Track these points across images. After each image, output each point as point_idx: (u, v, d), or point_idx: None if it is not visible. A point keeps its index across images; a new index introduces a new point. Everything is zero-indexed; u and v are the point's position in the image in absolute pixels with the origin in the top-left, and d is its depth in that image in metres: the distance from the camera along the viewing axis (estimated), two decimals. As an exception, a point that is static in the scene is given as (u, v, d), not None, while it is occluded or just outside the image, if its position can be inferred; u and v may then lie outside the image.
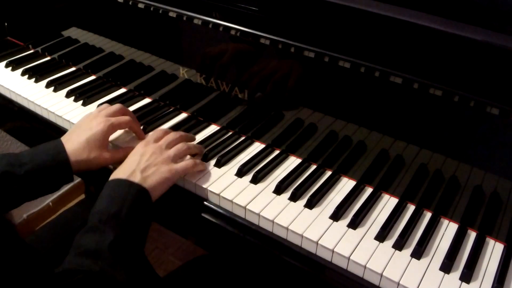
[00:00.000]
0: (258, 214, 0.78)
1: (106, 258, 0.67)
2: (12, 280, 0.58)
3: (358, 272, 0.72)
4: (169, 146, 0.85)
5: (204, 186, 0.83)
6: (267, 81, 0.90)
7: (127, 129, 0.94)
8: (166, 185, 0.80)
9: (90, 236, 0.69)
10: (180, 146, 0.86)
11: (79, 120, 0.90)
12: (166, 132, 0.89)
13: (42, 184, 0.80)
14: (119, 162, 0.84)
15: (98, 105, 1.04)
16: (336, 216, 0.79)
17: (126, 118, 0.90)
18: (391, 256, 0.73)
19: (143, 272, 0.72)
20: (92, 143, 0.83)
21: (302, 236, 0.75)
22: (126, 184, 0.75)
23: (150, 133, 0.90)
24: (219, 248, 0.88)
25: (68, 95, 1.08)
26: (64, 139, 0.84)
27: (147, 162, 0.79)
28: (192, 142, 0.92)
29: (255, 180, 0.85)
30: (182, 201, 0.86)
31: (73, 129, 0.87)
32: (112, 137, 0.90)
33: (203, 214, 0.84)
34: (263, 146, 0.95)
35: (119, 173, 0.78)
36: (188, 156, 0.88)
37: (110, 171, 0.91)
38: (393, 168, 0.84)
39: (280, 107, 0.91)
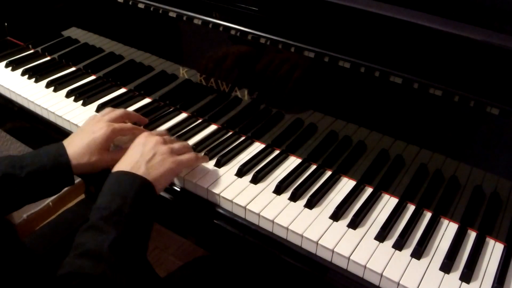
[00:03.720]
0: (258, 214, 0.79)
1: (107, 260, 0.64)
2: (10, 283, 0.58)
3: (358, 272, 0.72)
4: (171, 141, 0.85)
5: (204, 186, 0.83)
6: (267, 81, 0.90)
7: None
8: (170, 177, 0.79)
9: (91, 235, 0.67)
10: (183, 142, 0.87)
11: (82, 124, 0.90)
12: (166, 133, 0.90)
13: (43, 187, 0.79)
14: None
15: (98, 105, 1.04)
16: (336, 216, 0.79)
17: (128, 125, 0.89)
18: (391, 256, 0.73)
19: (143, 274, 0.70)
20: (93, 147, 0.82)
21: (302, 236, 0.75)
22: (129, 177, 0.73)
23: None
24: (219, 248, 0.88)
25: (68, 95, 1.08)
26: (66, 142, 0.83)
27: (151, 151, 0.78)
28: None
29: (255, 180, 0.85)
30: (181, 201, 0.86)
31: (76, 132, 0.87)
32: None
33: (203, 214, 0.84)
34: (263, 146, 0.95)
35: (122, 165, 0.76)
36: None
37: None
38: (393, 168, 0.84)
39: (280, 107, 0.91)
